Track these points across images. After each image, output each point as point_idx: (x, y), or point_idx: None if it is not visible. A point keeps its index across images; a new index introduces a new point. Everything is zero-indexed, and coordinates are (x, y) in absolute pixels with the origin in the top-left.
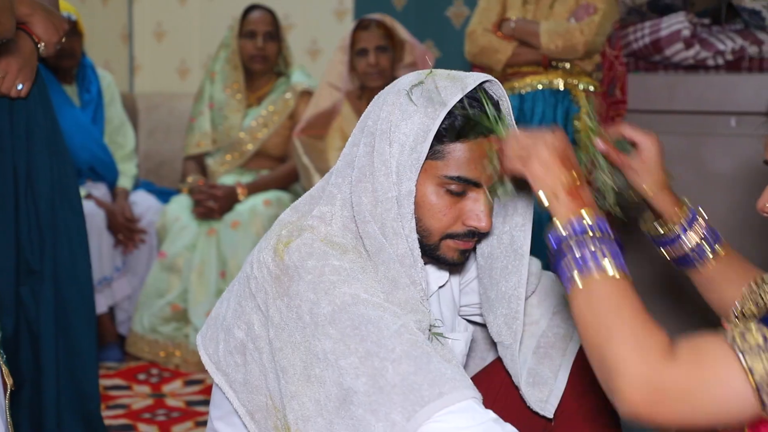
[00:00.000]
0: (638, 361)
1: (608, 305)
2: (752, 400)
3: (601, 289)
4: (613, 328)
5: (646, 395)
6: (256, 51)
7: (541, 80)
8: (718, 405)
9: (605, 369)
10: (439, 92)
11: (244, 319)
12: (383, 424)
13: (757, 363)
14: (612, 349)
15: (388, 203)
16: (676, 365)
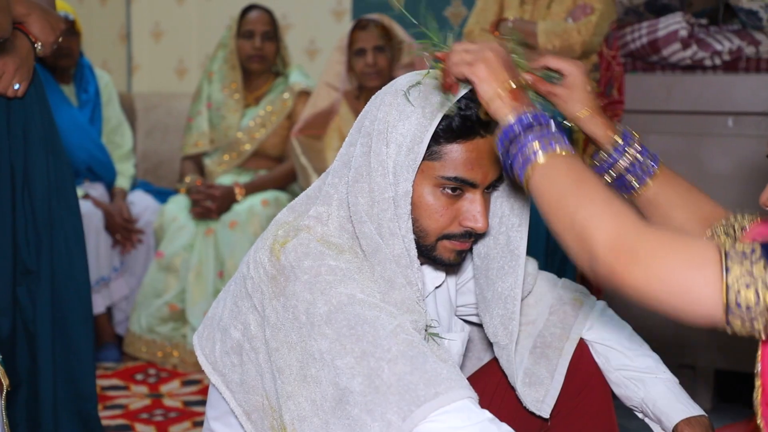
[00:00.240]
0: (612, 219)
1: (573, 176)
2: (718, 299)
3: (562, 163)
4: (582, 195)
5: (621, 254)
6: (254, 51)
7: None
8: (686, 285)
9: (577, 236)
10: (437, 93)
11: (240, 319)
12: (379, 424)
13: (735, 265)
14: (584, 213)
15: (385, 204)
16: (654, 230)
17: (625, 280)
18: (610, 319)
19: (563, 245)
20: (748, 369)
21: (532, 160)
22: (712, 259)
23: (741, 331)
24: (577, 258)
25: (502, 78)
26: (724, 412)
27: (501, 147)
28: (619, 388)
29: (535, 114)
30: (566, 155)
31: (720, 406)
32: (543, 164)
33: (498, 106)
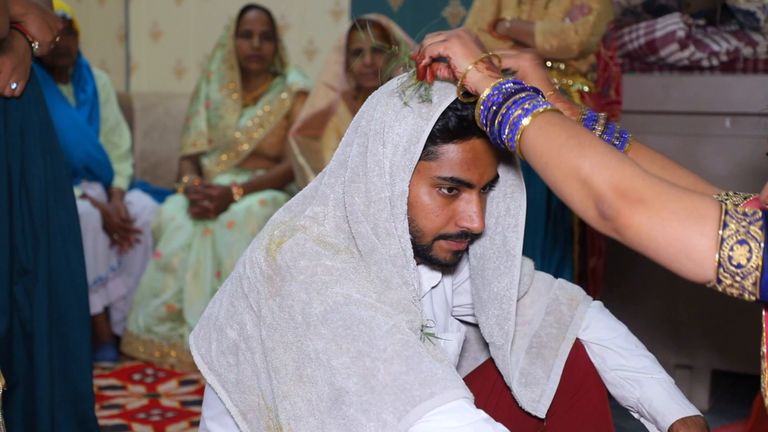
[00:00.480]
0: (618, 164)
1: (568, 128)
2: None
3: (555, 117)
4: (583, 143)
5: (627, 199)
6: (252, 51)
7: None
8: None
9: (582, 181)
10: (433, 93)
11: (236, 319)
12: (374, 423)
13: (733, 222)
14: (589, 158)
15: (381, 204)
16: (658, 179)
17: (629, 221)
18: (607, 320)
19: (565, 196)
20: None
21: (521, 123)
22: (712, 214)
23: (730, 290)
24: (581, 205)
25: (475, 52)
26: (721, 412)
27: (483, 118)
28: (614, 388)
29: (513, 81)
30: (555, 111)
31: (717, 407)
32: (534, 122)
33: (476, 77)
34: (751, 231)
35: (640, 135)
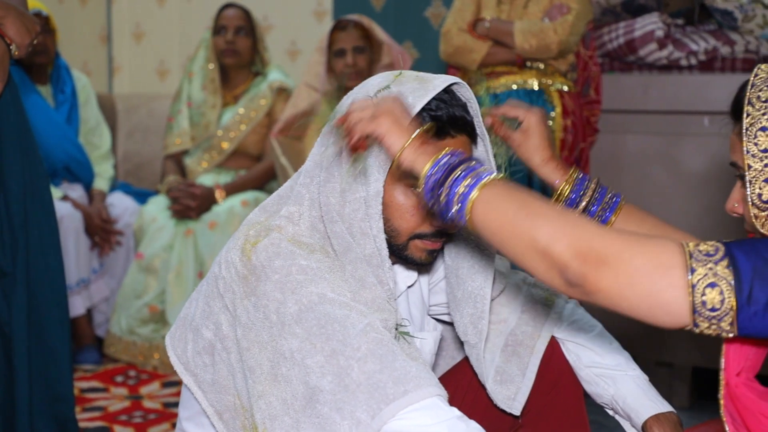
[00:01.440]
0: (574, 227)
1: (517, 198)
2: (685, 301)
3: (501, 189)
4: (535, 212)
5: (590, 262)
6: (226, 45)
7: (515, 80)
8: (654, 290)
9: (542, 252)
10: (408, 94)
11: (212, 319)
12: (348, 422)
13: (700, 266)
14: (543, 228)
15: (356, 204)
16: (616, 233)
17: (597, 285)
18: (582, 318)
19: (527, 268)
20: None
21: (468, 197)
22: (677, 261)
23: (708, 332)
24: (546, 275)
25: (408, 128)
26: (702, 409)
27: (429, 196)
28: (589, 385)
29: (451, 153)
30: (500, 181)
31: (698, 404)
32: (481, 196)
33: (412, 155)
34: (719, 272)
35: (619, 134)
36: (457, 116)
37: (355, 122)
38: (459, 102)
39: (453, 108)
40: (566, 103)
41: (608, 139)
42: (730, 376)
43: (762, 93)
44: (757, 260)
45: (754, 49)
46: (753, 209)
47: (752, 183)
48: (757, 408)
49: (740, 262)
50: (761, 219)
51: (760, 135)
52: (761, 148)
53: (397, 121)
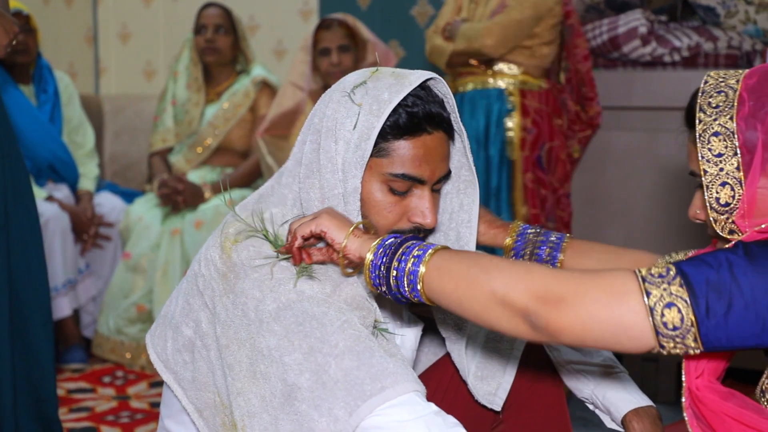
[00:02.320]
0: (528, 274)
1: (466, 259)
2: (646, 325)
3: (448, 254)
4: (487, 268)
5: (550, 304)
6: (206, 43)
7: (482, 80)
8: (616, 320)
9: (502, 304)
10: (384, 90)
11: (192, 316)
12: (326, 419)
13: (654, 289)
14: (499, 280)
15: (335, 200)
16: (569, 273)
17: (559, 323)
18: None
19: (490, 324)
20: None
21: (418, 272)
22: (631, 287)
23: (675, 351)
24: (509, 324)
25: (346, 222)
26: None
27: (375, 279)
28: (570, 380)
29: (391, 236)
30: (445, 249)
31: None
32: (431, 265)
33: (355, 244)
34: (673, 291)
35: (604, 131)
36: (434, 112)
37: (297, 228)
38: (436, 98)
39: (429, 104)
40: (527, 103)
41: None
42: (690, 380)
43: (712, 99)
44: (708, 273)
45: (736, 44)
46: (712, 213)
47: (709, 188)
48: (720, 409)
49: (692, 278)
50: (721, 222)
51: (713, 140)
52: (715, 153)
53: (336, 217)
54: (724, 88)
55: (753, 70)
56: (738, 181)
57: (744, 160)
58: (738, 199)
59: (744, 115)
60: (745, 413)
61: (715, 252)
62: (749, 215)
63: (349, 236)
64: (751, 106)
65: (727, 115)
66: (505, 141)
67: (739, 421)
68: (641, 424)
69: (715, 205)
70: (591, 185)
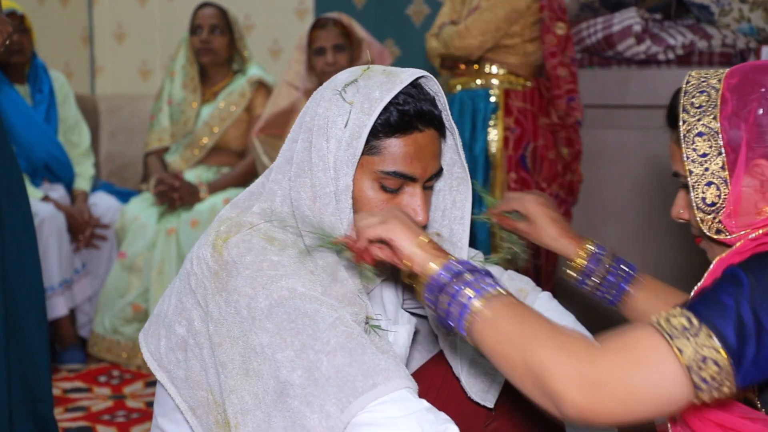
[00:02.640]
0: (566, 358)
1: (514, 317)
2: (685, 383)
3: (500, 305)
4: (529, 335)
5: (584, 389)
6: (201, 44)
7: (469, 81)
8: (654, 389)
9: (535, 380)
10: (375, 88)
11: (184, 315)
12: (318, 415)
13: (685, 345)
14: (537, 355)
15: (327, 198)
16: (604, 353)
17: (600, 411)
18: (555, 309)
19: (521, 389)
20: None
21: (468, 308)
22: (662, 350)
23: (710, 399)
24: (540, 401)
25: (417, 231)
26: None
27: (430, 298)
28: None
29: (460, 261)
30: (501, 295)
31: None
32: (481, 310)
33: (422, 257)
34: (705, 343)
35: (599, 129)
36: (425, 110)
37: (364, 228)
38: (427, 96)
39: (420, 102)
40: (511, 103)
41: (588, 134)
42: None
43: (695, 99)
44: (731, 315)
45: (730, 43)
46: (699, 213)
47: (695, 188)
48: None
49: (720, 326)
50: (708, 222)
51: (697, 141)
52: (700, 153)
53: (407, 224)
54: (706, 88)
55: (734, 69)
56: (723, 181)
57: (729, 159)
58: (724, 199)
59: (727, 114)
60: (725, 416)
61: (724, 287)
62: (735, 214)
63: (418, 247)
64: (734, 106)
65: (710, 115)
66: (486, 140)
67: (719, 424)
68: None
69: (701, 205)
70: (586, 183)
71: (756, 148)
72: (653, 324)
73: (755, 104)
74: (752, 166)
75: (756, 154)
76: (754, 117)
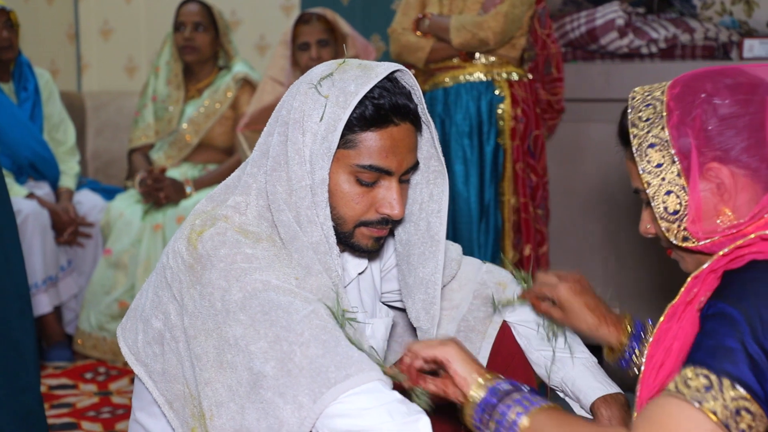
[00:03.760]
0: None
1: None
2: None
3: (547, 419)
4: None
5: None
6: (184, 41)
7: (463, 73)
8: None
9: None
10: (350, 82)
11: (161, 309)
12: (291, 406)
13: (715, 405)
14: None
15: (302, 192)
16: None
17: None
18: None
19: None
20: None
21: (517, 424)
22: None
23: None
24: None
25: (474, 360)
26: None
27: (478, 419)
28: (539, 368)
29: (508, 381)
30: (548, 408)
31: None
32: (529, 426)
33: (474, 379)
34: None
35: (582, 123)
36: (400, 104)
37: (420, 349)
38: (403, 90)
39: (396, 96)
40: (515, 93)
41: (571, 128)
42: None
43: (642, 113)
44: (744, 360)
45: (713, 36)
46: (663, 223)
47: (655, 198)
48: None
49: (738, 374)
50: (673, 231)
51: (650, 152)
52: (654, 163)
53: (464, 350)
54: (651, 101)
55: (676, 79)
56: (681, 188)
57: (683, 166)
58: (685, 206)
59: (674, 123)
60: None
61: (721, 330)
62: (699, 219)
63: (472, 371)
64: (680, 114)
65: (658, 126)
66: (497, 131)
67: None
68: (609, 411)
69: (664, 214)
70: (569, 177)
71: (706, 152)
72: (674, 393)
73: (699, 110)
74: (706, 170)
75: (707, 158)
76: (699, 123)
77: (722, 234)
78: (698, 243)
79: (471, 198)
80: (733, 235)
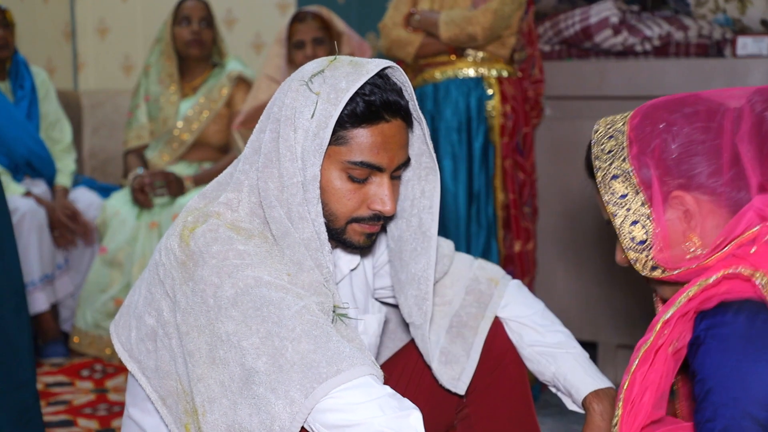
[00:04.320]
0: None
1: None
2: None
3: None
4: None
5: None
6: (192, 35)
7: (453, 69)
8: None
9: None
10: (341, 78)
11: (154, 305)
12: (283, 401)
13: None
14: None
15: (294, 188)
16: None
17: None
18: (524, 297)
19: None
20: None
21: None
22: None
23: None
24: None
25: None
26: None
27: None
28: (532, 363)
29: None
30: None
31: None
32: None
33: None
34: None
35: (577, 120)
36: (391, 100)
37: None
38: (393, 86)
39: (387, 92)
40: (505, 89)
41: (566, 126)
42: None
43: (605, 146)
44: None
45: (707, 33)
46: (631, 253)
47: (621, 229)
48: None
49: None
50: (641, 261)
51: (613, 183)
52: (618, 195)
53: None
54: (613, 133)
55: (636, 110)
56: (647, 217)
57: (647, 195)
58: (652, 235)
59: (635, 154)
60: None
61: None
62: (666, 248)
63: None
64: (639, 144)
65: (620, 158)
66: (486, 128)
67: None
68: (601, 406)
69: (631, 244)
70: (563, 174)
71: (668, 181)
72: None
73: (658, 140)
74: (671, 198)
75: (671, 187)
76: (659, 152)
77: (687, 266)
78: (670, 273)
79: (459, 193)
80: (698, 268)
